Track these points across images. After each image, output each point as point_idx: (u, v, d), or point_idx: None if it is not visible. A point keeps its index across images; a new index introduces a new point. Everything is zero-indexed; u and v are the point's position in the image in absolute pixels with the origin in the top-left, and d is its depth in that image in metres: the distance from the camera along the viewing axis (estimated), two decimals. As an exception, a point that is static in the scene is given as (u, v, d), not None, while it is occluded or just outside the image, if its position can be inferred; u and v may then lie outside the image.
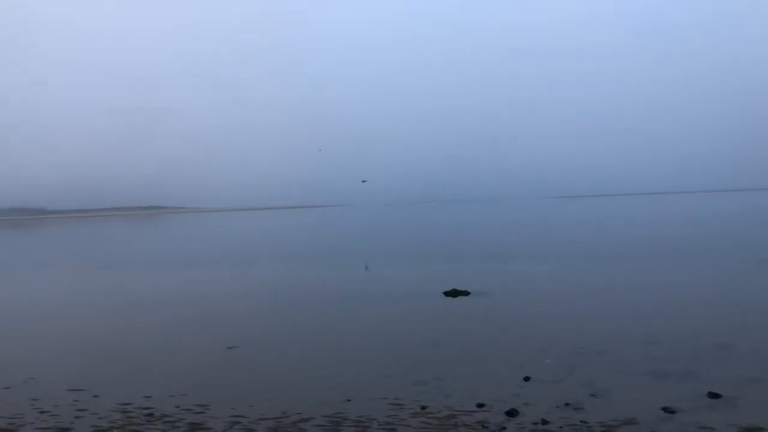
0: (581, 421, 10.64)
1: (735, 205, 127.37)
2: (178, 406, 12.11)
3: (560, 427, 10.42)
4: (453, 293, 24.47)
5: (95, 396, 13.00)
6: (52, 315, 23.45)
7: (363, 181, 69.28)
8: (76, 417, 11.73)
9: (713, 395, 11.64)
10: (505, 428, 10.46)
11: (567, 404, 11.47)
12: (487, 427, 10.48)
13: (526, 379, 13.11)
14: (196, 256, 50.48)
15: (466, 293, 24.42)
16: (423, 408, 11.53)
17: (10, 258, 59.97)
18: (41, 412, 12.12)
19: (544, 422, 10.62)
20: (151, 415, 11.67)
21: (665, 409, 11.01)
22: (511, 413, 11.07)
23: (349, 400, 12.11)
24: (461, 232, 73.17)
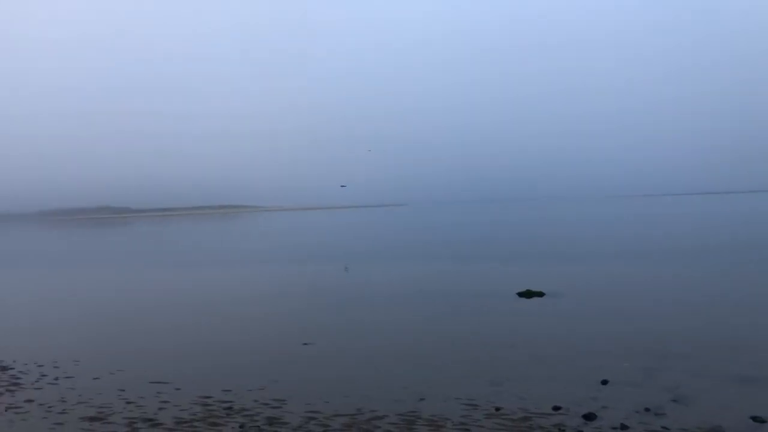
0: (662, 427, 10.29)
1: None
2: (256, 401, 12.42)
3: (640, 433, 10.13)
4: (527, 294, 24.11)
5: (177, 389, 13.49)
6: (136, 310, 24.43)
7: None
8: (160, 408, 12.19)
9: (807, 404, 11.06)
10: (582, 432, 10.24)
11: (647, 409, 11.12)
12: (563, 431, 10.29)
13: (604, 382, 12.79)
14: (271, 254, 51.57)
15: (540, 294, 24.02)
16: (497, 409, 11.42)
17: (99, 254, 62.76)
18: (128, 402, 12.66)
19: (624, 427, 10.33)
20: (230, 408, 12.01)
21: (755, 418, 10.52)
22: (589, 417, 10.82)
23: (422, 399, 12.12)
24: (524, 230, 72.00)
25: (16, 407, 12.57)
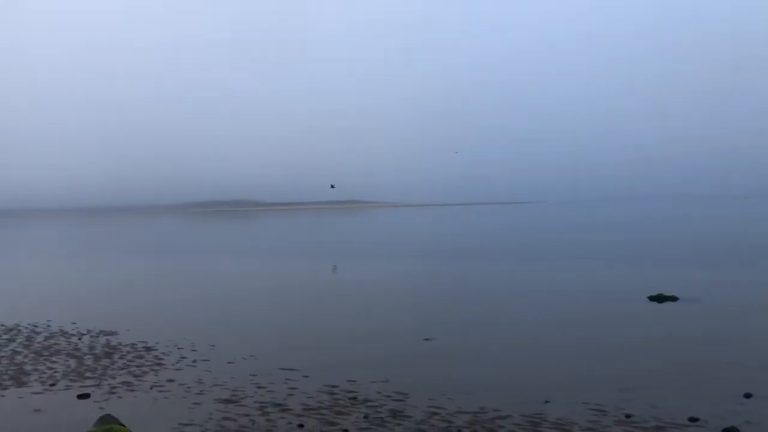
0: (816, 449, 9.44)
1: None
2: (379, 392, 12.62)
3: (790, 453, 9.34)
4: (659, 298, 22.90)
5: (305, 376, 13.96)
6: (265, 299, 25.51)
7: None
8: (289, 394, 12.66)
9: None
10: (722, 447, 9.59)
11: (798, 428, 10.23)
12: (701, 444, 9.67)
13: (747, 395, 11.90)
14: (396, 249, 52.18)
15: (673, 299, 22.75)
16: (627, 416, 10.92)
17: (232, 245, 66.04)
18: (259, 387, 13.25)
19: (771, 445, 9.57)
20: (355, 398, 12.27)
21: None
22: (730, 431, 10.11)
23: (548, 402, 11.82)
24: (652, 229, 68.24)
25: (159, 386, 13.50)
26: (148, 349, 16.99)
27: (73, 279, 34.61)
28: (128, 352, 16.60)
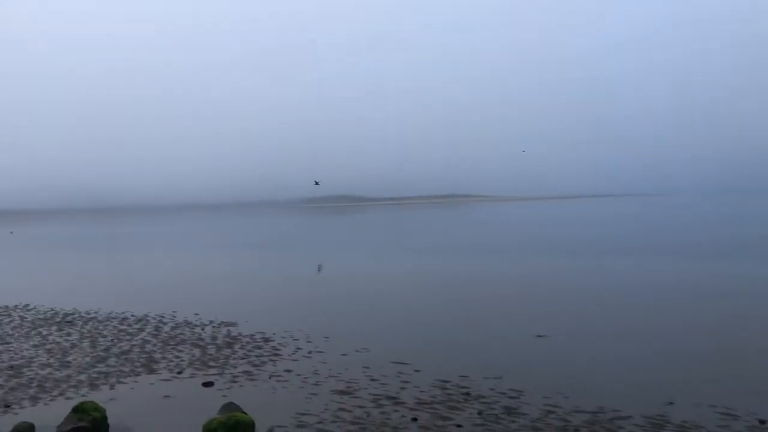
0: None
1: None
2: (492, 389, 12.50)
3: None
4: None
5: (417, 370, 14.04)
6: (375, 292, 25.85)
7: (316, 183, 65.92)
8: (401, 388, 12.78)
9: None
10: None
11: None
12: None
13: None
14: (506, 243, 51.45)
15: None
16: (762, 422, 10.24)
17: (340, 238, 67.39)
18: (372, 380, 13.46)
19: None
20: (468, 394, 12.22)
21: None
22: None
23: (671, 403, 11.28)
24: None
25: (278, 375, 14.00)
26: (266, 339, 17.65)
27: (196, 272, 36.49)
28: (248, 343, 17.32)
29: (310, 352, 16.05)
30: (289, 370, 14.39)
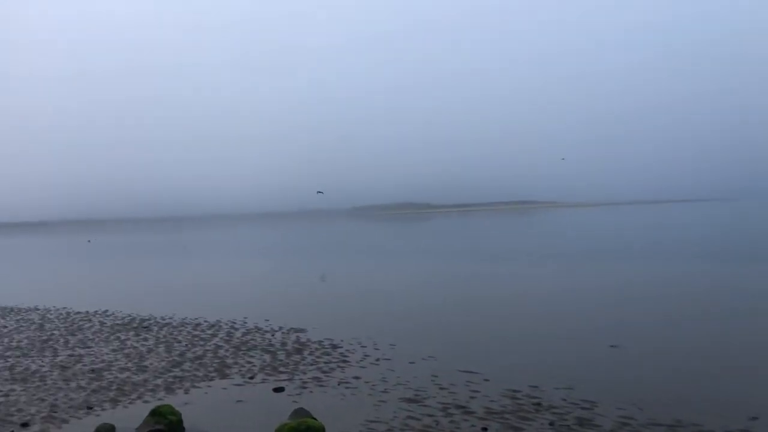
0: None
1: None
2: (564, 399, 12.23)
3: None
4: None
5: (486, 380, 13.88)
6: (443, 300, 25.73)
7: (318, 192, 65.70)
8: (471, 397, 12.66)
9: None
10: None
11: None
12: None
13: None
14: (574, 249, 50.43)
15: None
16: None
17: (409, 246, 67.47)
18: (440, 388, 13.38)
19: None
20: (539, 404, 11.99)
21: None
22: None
23: (755, 418, 10.76)
24: None
25: (346, 382, 14.10)
26: (334, 346, 17.82)
27: (265, 278, 37.21)
28: (316, 349, 17.53)
29: (377, 360, 16.11)
30: (357, 377, 14.47)
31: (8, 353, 18.47)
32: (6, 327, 23.01)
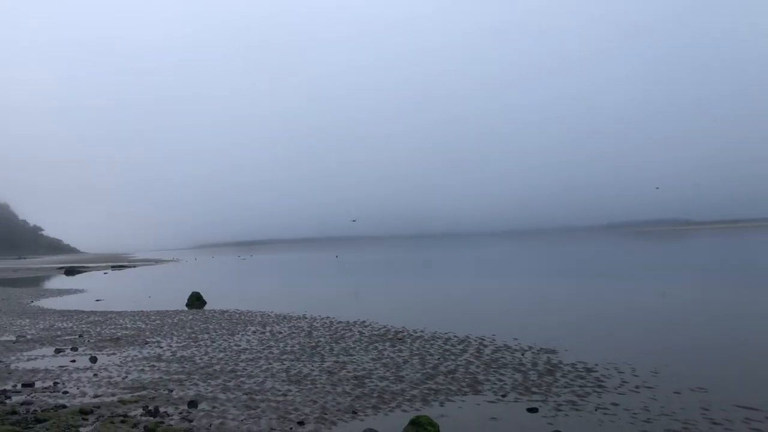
0: None
1: None
2: None
3: None
4: None
5: (769, 418, 12.28)
6: (722, 325, 23.37)
7: (353, 221, 60.84)
8: (751, 437, 11.27)
9: None
10: None
11: None
12: None
13: None
14: None
15: None
16: None
17: (681, 264, 62.63)
18: (713, 423, 12.15)
19: None
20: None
21: None
22: None
23: None
24: None
25: (604, 408, 13.41)
26: (588, 370, 17.04)
27: (514, 297, 37.05)
28: (569, 372, 16.91)
29: (637, 387, 15.08)
30: (615, 404, 13.68)
31: (284, 356, 20.55)
32: (281, 333, 25.64)
